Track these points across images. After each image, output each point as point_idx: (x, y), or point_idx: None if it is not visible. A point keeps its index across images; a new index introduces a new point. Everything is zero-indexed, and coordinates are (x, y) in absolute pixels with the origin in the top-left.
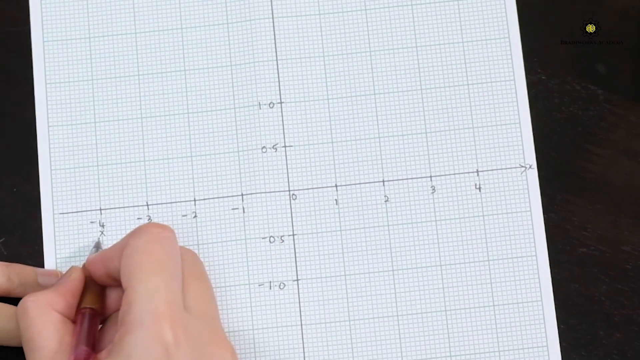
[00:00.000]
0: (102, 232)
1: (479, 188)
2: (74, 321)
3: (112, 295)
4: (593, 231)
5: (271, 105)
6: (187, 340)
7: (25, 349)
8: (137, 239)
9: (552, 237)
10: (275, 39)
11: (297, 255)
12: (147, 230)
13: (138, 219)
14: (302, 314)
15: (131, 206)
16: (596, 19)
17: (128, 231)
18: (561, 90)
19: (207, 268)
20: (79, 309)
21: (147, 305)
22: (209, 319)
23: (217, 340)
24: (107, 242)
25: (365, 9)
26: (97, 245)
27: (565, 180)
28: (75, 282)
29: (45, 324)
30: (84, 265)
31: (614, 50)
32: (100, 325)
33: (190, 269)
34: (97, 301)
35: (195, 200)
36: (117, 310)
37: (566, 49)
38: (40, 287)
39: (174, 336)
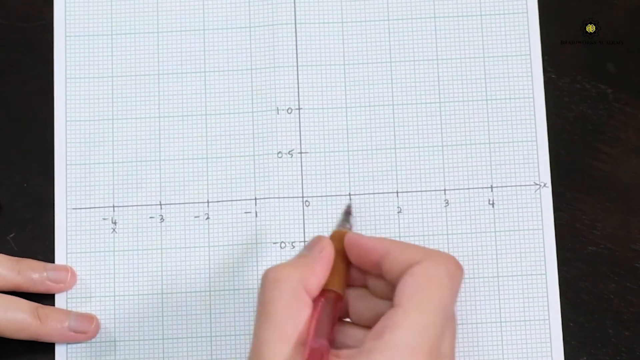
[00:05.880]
0: (113, 230)
1: (492, 204)
2: (314, 300)
3: (354, 274)
4: (602, 229)
5: (289, 111)
6: None
7: (260, 319)
8: (434, 267)
9: (561, 235)
10: (296, 45)
11: None
12: (446, 263)
13: (150, 217)
14: None
15: (144, 205)
16: (602, 18)
17: (140, 230)
18: (571, 89)
19: (217, 271)
20: (323, 289)
21: (412, 338)
22: None
23: None
24: (119, 241)
25: (388, 20)
26: (348, 211)
27: (574, 178)
28: (329, 260)
29: (292, 302)
30: (332, 236)
31: (624, 49)
32: None
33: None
34: (343, 284)
35: (208, 202)
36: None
37: (576, 48)
38: (50, 282)
39: None
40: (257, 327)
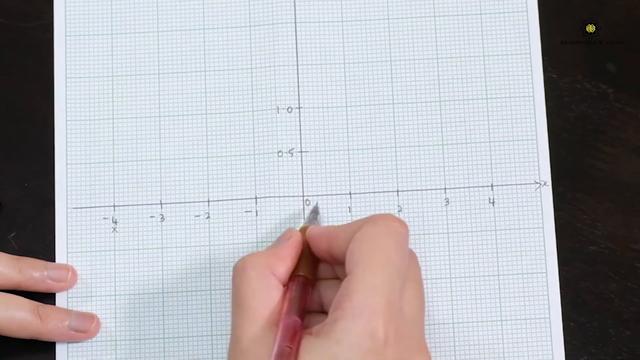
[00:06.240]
0: (114, 229)
1: (493, 202)
2: (285, 286)
3: (321, 267)
4: (603, 229)
5: (289, 110)
6: (396, 342)
7: (234, 307)
8: (372, 227)
9: (562, 235)
10: (297, 44)
11: None
12: (384, 222)
13: (151, 217)
14: None
15: (145, 204)
16: (602, 18)
17: (140, 229)
18: (571, 89)
19: (218, 270)
20: (293, 274)
21: (368, 299)
22: (418, 325)
23: (420, 349)
24: (119, 240)
25: (388, 19)
26: (315, 211)
27: (575, 178)
28: (295, 247)
29: (261, 286)
30: (300, 230)
31: (625, 49)
32: None
33: (410, 269)
34: (312, 270)
35: (209, 201)
36: (322, 280)
37: (576, 47)
38: (51, 281)
39: (385, 335)
40: (232, 315)
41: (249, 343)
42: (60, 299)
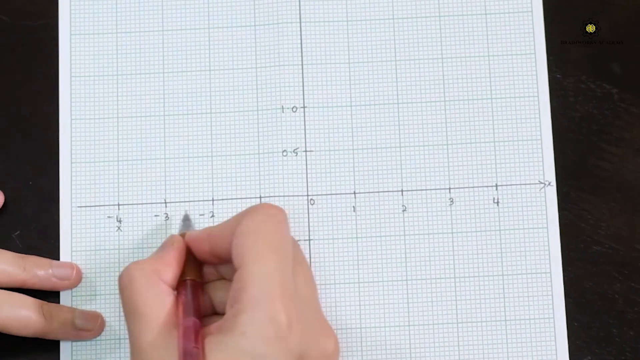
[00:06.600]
0: (118, 228)
1: (497, 202)
2: (176, 291)
3: (205, 270)
4: (607, 229)
5: (294, 109)
6: (298, 324)
7: (128, 317)
8: (252, 218)
9: (566, 234)
10: (301, 43)
11: (312, 260)
12: (262, 211)
13: (155, 215)
14: None
15: (149, 203)
16: (605, 18)
17: (145, 227)
18: (576, 89)
19: None
20: (181, 279)
21: (262, 286)
22: (314, 304)
23: (323, 327)
24: (124, 239)
25: (393, 18)
26: (187, 218)
27: (579, 178)
28: (179, 252)
29: (151, 293)
30: (180, 236)
31: (629, 49)
32: None
33: (294, 253)
34: (199, 273)
35: (213, 200)
36: (208, 283)
37: (581, 48)
38: (55, 279)
39: (287, 318)
40: (128, 326)
41: (151, 350)
42: (65, 298)
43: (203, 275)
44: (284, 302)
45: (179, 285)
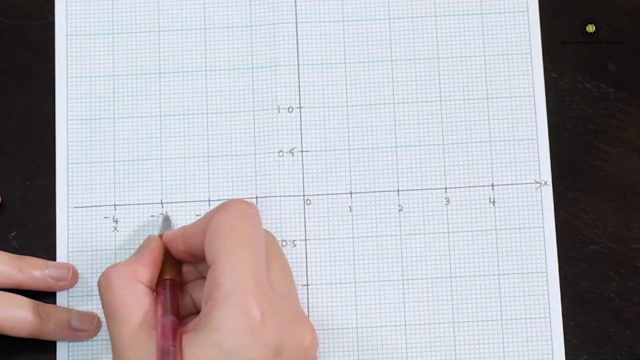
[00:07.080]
0: (115, 228)
1: (493, 202)
2: (155, 291)
3: (185, 269)
4: (603, 228)
5: (290, 110)
6: (273, 317)
7: (108, 320)
8: (223, 214)
9: (562, 234)
10: (297, 43)
11: (308, 260)
12: (233, 206)
13: (152, 216)
14: (311, 319)
15: (145, 203)
16: (602, 18)
17: (141, 228)
18: (572, 89)
19: None
20: (160, 279)
21: (234, 280)
22: (291, 298)
23: (300, 319)
24: (120, 239)
25: (389, 19)
26: (167, 219)
27: (575, 178)
28: (156, 252)
29: (129, 295)
30: (159, 236)
31: (625, 49)
32: None
33: (270, 248)
34: (177, 272)
35: (210, 200)
36: (188, 282)
37: (577, 47)
38: (51, 280)
39: (260, 312)
40: (109, 329)
41: (131, 350)
42: (61, 298)
43: (182, 274)
44: (257, 296)
45: (158, 285)
